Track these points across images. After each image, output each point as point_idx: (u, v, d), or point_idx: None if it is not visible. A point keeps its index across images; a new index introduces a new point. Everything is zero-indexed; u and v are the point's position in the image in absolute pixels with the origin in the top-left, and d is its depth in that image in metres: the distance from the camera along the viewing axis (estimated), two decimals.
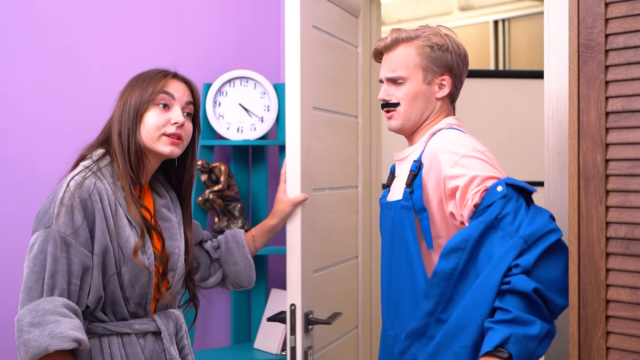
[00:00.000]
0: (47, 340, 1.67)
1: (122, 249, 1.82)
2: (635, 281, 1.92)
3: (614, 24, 1.97)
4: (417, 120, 1.94)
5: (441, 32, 1.95)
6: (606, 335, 1.97)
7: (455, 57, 1.94)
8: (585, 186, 2.01)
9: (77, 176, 1.84)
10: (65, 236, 1.76)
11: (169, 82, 1.93)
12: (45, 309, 1.71)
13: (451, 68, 1.94)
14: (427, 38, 1.92)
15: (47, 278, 1.74)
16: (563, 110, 2.21)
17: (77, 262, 1.77)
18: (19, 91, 2.60)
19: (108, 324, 1.84)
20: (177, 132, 1.91)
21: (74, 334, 1.70)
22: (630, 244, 1.93)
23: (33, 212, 2.61)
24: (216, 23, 3.09)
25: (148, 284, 1.85)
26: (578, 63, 2.03)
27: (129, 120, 1.89)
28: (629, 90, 1.95)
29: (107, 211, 1.82)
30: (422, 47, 1.92)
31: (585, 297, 2.00)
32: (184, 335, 1.94)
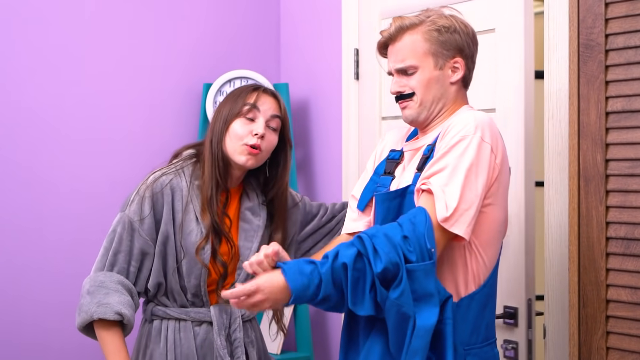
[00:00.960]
0: (94, 307, 1.87)
1: (183, 241, 1.98)
2: (635, 281, 1.92)
3: (614, 24, 1.97)
4: (433, 108, 1.83)
5: (445, 14, 1.85)
6: (606, 335, 1.97)
7: (464, 37, 1.83)
8: (585, 186, 2.01)
9: (158, 172, 2.03)
10: (133, 221, 1.96)
11: (259, 96, 2.03)
12: (102, 280, 1.91)
13: (462, 49, 1.83)
14: (432, 22, 1.82)
15: (111, 255, 1.94)
16: (563, 110, 2.21)
17: (137, 247, 1.96)
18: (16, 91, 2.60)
19: (169, 308, 2.02)
20: (257, 143, 1.99)
21: (119, 307, 1.88)
22: (630, 244, 1.93)
23: (34, 212, 2.61)
24: (216, 23, 3.09)
25: (201, 277, 2.00)
26: (578, 63, 2.03)
27: (219, 128, 2.02)
28: (629, 90, 1.94)
29: (177, 205, 1.99)
30: (428, 32, 1.81)
31: (585, 297, 2.00)
32: (237, 328, 2.04)
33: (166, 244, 1.99)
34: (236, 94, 2.05)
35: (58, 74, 2.67)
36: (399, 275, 1.59)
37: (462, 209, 1.64)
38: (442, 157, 1.68)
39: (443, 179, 1.66)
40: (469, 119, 1.72)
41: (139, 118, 2.84)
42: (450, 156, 1.67)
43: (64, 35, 2.69)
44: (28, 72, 2.61)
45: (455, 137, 1.69)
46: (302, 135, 3.18)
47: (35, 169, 2.61)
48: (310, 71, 3.14)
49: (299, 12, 3.20)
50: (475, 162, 1.67)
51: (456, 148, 1.68)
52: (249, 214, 2.09)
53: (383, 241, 1.61)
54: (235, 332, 2.04)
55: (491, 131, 1.73)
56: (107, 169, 2.75)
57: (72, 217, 2.66)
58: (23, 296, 2.57)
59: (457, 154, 1.67)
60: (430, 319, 1.60)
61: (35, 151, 2.61)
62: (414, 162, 1.83)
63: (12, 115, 2.58)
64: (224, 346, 2.00)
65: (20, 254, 2.57)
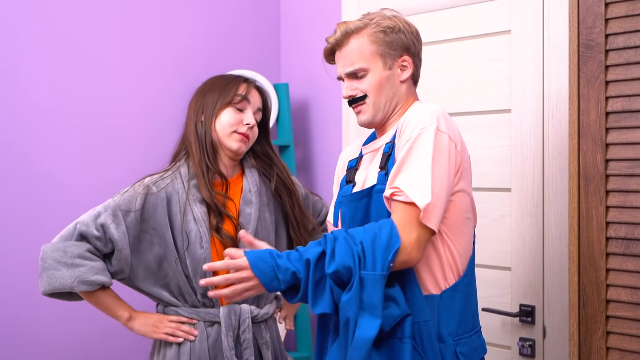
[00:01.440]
0: (75, 282, 1.95)
1: (185, 242, 2.01)
2: (635, 281, 1.92)
3: (614, 24, 1.97)
4: (387, 109, 1.85)
5: (388, 15, 1.88)
6: (606, 335, 1.97)
7: (409, 35, 1.86)
8: (585, 186, 2.01)
9: (156, 175, 2.08)
10: (118, 208, 1.99)
11: (249, 89, 2.12)
12: (74, 252, 1.96)
13: (408, 47, 1.86)
14: (376, 24, 1.84)
15: (80, 225, 1.99)
16: (563, 110, 2.21)
17: (112, 233, 1.98)
18: (15, 89, 2.60)
19: (180, 308, 2.05)
20: (247, 132, 2.09)
21: (98, 278, 1.97)
22: (630, 244, 1.93)
23: (32, 209, 2.61)
24: (216, 23, 3.09)
25: (206, 275, 2.01)
26: (578, 63, 2.03)
27: (207, 114, 2.09)
28: (629, 90, 1.95)
29: (175, 208, 2.03)
30: (374, 34, 1.84)
31: (585, 297, 2.00)
32: (247, 329, 2.06)
33: (165, 247, 2.02)
34: (224, 84, 2.13)
35: (56, 73, 2.67)
36: (352, 281, 1.62)
37: (433, 204, 1.65)
38: (406, 155, 1.69)
39: (410, 178, 1.67)
40: (423, 111, 1.74)
41: (139, 117, 2.84)
42: (412, 153, 1.69)
43: (64, 35, 2.69)
44: (28, 71, 2.61)
45: (413, 132, 1.71)
46: (302, 135, 3.18)
47: (33, 166, 2.61)
48: (311, 71, 3.14)
49: (299, 12, 3.20)
50: (437, 153, 1.69)
51: (416, 144, 1.69)
52: (243, 205, 2.11)
53: (342, 244, 1.64)
54: (244, 333, 2.04)
55: (446, 120, 1.74)
56: (105, 167, 2.75)
57: (71, 213, 2.65)
58: (22, 292, 2.57)
59: (419, 149, 1.69)
60: (369, 331, 1.60)
61: (33, 148, 2.61)
62: (375, 162, 1.84)
63: (12, 115, 2.58)
64: (231, 347, 2.01)
65: (18, 251, 2.57)
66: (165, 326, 2.04)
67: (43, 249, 2.00)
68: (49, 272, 1.97)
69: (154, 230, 2.02)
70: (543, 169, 2.27)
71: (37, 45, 2.63)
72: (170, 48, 2.94)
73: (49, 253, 1.98)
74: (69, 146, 2.68)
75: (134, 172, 2.55)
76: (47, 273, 1.97)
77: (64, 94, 2.68)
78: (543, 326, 2.26)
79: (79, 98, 2.71)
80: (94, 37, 2.75)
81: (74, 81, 2.70)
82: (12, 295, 2.55)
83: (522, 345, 2.29)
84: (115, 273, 2.04)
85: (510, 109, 2.36)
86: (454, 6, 2.53)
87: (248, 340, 2.04)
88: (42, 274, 1.98)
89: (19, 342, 2.55)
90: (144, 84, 2.86)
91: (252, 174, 2.16)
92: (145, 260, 2.03)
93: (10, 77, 2.57)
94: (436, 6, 2.59)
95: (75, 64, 2.71)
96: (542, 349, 2.26)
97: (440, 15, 2.57)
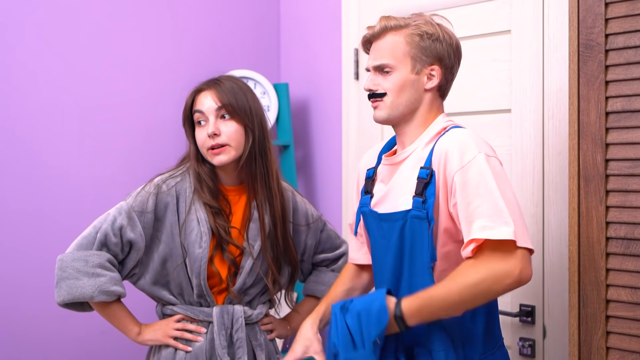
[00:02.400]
0: (96, 292, 1.94)
1: (185, 240, 2.02)
2: (635, 281, 1.92)
3: (614, 23, 1.97)
4: (405, 111, 1.83)
5: (433, 21, 1.85)
6: (606, 335, 1.97)
7: (447, 46, 1.83)
8: (585, 186, 2.01)
9: (166, 174, 2.07)
10: (132, 210, 1.99)
11: (197, 99, 2.06)
12: (95, 262, 1.95)
13: (441, 58, 1.83)
14: (416, 26, 1.82)
15: (101, 234, 1.97)
16: (563, 110, 2.21)
17: (129, 236, 1.98)
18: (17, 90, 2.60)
19: (177, 306, 2.06)
20: (213, 143, 2.01)
21: (117, 289, 1.97)
22: (630, 244, 1.93)
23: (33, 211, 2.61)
24: (216, 23, 3.09)
25: (201, 276, 2.01)
26: (578, 63, 2.03)
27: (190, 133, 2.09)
28: (629, 90, 1.94)
29: (182, 207, 2.03)
30: (411, 36, 1.82)
31: (585, 297, 2.00)
32: (240, 329, 2.05)
33: (172, 244, 2.03)
34: (186, 105, 2.09)
35: (57, 74, 2.67)
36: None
37: (519, 225, 1.65)
38: (473, 198, 1.67)
39: (487, 219, 1.65)
40: (462, 140, 1.72)
41: (139, 119, 2.84)
42: (477, 192, 1.66)
43: (64, 35, 2.69)
44: (27, 73, 2.61)
45: (465, 168, 1.69)
46: (302, 135, 3.18)
47: (35, 167, 2.61)
48: (311, 71, 3.14)
49: (299, 12, 3.20)
50: (498, 178, 1.67)
51: (471, 178, 1.67)
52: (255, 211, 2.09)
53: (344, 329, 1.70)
54: (237, 333, 2.05)
55: (486, 143, 1.75)
56: (107, 169, 2.75)
57: (72, 215, 2.66)
58: (21, 292, 2.57)
59: (481, 185, 1.66)
60: None
61: (35, 149, 2.61)
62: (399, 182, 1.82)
63: (11, 115, 2.58)
64: (223, 346, 2.02)
65: (19, 253, 2.57)
66: (171, 329, 2.04)
67: (61, 259, 1.97)
68: (69, 281, 1.95)
69: (165, 228, 2.03)
70: (543, 168, 2.27)
71: (37, 45, 2.63)
72: (171, 48, 2.94)
73: (69, 262, 1.96)
74: (70, 150, 2.68)
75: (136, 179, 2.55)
76: (67, 282, 1.95)
77: (63, 98, 2.68)
78: (543, 326, 2.26)
79: (77, 104, 2.71)
80: (94, 42, 2.75)
81: (72, 86, 2.70)
82: (12, 296, 2.55)
83: (522, 345, 2.29)
84: (127, 274, 2.05)
85: (510, 109, 2.36)
86: (454, 6, 2.53)
87: (241, 340, 2.05)
88: (61, 283, 1.96)
89: (19, 342, 2.55)
90: (143, 84, 2.86)
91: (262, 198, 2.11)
92: (152, 259, 2.04)
93: (10, 75, 2.57)
94: (436, 6, 2.59)
95: (76, 62, 2.71)
96: (542, 348, 2.26)
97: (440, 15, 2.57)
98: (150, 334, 2.06)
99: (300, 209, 2.20)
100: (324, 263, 2.25)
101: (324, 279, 2.23)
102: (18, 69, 2.58)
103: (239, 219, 2.09)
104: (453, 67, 1.86)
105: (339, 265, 2.25)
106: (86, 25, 2.74)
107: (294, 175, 3.03)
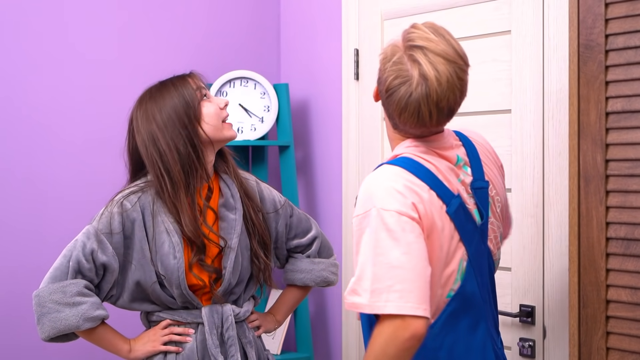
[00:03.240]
0: (81, 321, 1.91)
1: (157, 254, 1.97)
2: (635, 281, 1.91)
3: (614, 24, 1.97)
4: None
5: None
6: (606, 335, 1.97)
7: (381, 67, 1.66)
8: (586, 187, 2.01)
9: (126, 190, 2.01)
10: (100, 233, 1.94)
11: (189, 78, 2.04)
12: (73, 291, 1.91)
13: (379, 79, 1.67)
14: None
15: (73, 262, 1.93)
16: (563, 111, 2.21)
17: (101, 259, 1.94)
18: (14, 92, 2.60)
19: (163, 312, 2.03)
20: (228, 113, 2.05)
21: (100, 313, 1.93)
22: (630, 245, 1.93)
23: (33, 215, 2.61)
24: (216, 23, 3.09)
25: (181, 286, 1.97)
26: (578, 63, 2.03)
27: (181, 126, 1.97)
28: (629, 91, 1.94)
29: (148, 221, 1.98)
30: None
31: (585, 298, 2.00)
32: (230, 327, 2.04)
33: (142, 259, 1.98)
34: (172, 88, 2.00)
35: (56, 76, 2.67)
36: None
37: (390, 290, 1.57)
38: (354, 247, 1.68)
39: (356, 274, 1.61)
40: (365, 189, 1.64)
41: None
42: (355, 246, 1.64)
43: (64, 36, 2.69)
44: (27, 75, 2.61)
45: (355, 218, 1.65)
46: (302, 135, 3.18)
47: (34, 171, 2.61)
48: (311, 71, 3.14)
49: (299, 13, 3.20)
50: (381, 238, 1.59)
51: (354, 232, 1.64)
52: (224, 210, 2.06)
53: None
54: (228, 331, 2.04)
55: (396, 191, 1.62)
56: (106, 170, 2.75)
57: (72, 219, 2.66)
58: (21, 294, 2.57)
59: (357, 239, 1.64)
60: None
61: (35, 153, 2.61)
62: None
63: (11, 117, 2.58)
64: (216, 345, 2.01)
65: (19, 257, 2.57)
66: (159, 337, 2.01)
67: (37, 294, 1.92)
68: (51, 315, 1.91)
69: (135, 245, 1.98)
70: (543, 169, 2.27)
71: (37, 47, 2.63)
72: (171, 49, 2.94)
73: (47, 297, 1.91)
74: (68, 153, 2.68)
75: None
76: (49, 317, 1.91)
77: (62, 99, 2.68)
78: (543, 326, 2.26)
79: (77, 105, 2.71)
80: (93, 42, 2.75)
81: (71, 87, 2.70)
82: (11, 298, 2.55)
83: (522, 346, 2.29)
84: (106, 296, 2.01)
85: (510, 109, 2.36)
86: (454, 6, 2.53)
87: (232, 338, 2.04)
88: (42, 319, 1.91)
89: (20, 345, 2.55)
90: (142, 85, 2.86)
91: (228, 177, 2.10)
92: (130, 280, 2.00)
93: (9, 80, 2.57)
94: (436, 6, 2.59)
95: (74, 66, 2.71)
96: (542, 349, 2.26)
97: (440, 15, 2.57)
98: (141, 348, 2.02)
99: (266, 196, 2.17)
100: (298, 249, 2.22)
101: (301, 266, 2.20)
102: (15, 71, 2.58)
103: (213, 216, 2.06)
104: (382, 73, 1.64)
105: (313, 250, 2.22)
106: (86, 27, 2.74)
107: (294, 175, 3.03)
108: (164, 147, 1.97)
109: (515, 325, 2.33)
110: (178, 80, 2.03)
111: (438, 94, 1.58)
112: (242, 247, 2.06)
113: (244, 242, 2.07)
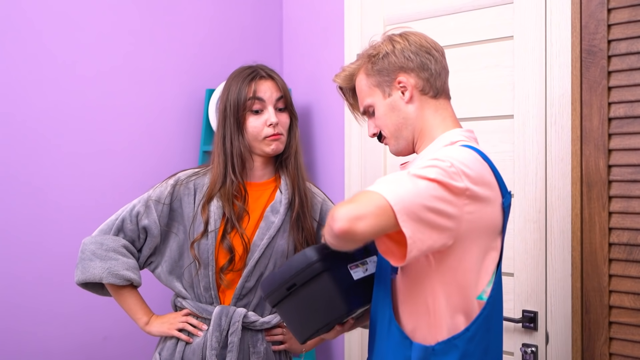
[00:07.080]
0: (105, 274, 2.04)
1: (196, 230, 2.07)
2: (638, 287, 1.91)
3: (616, 29, 1.97)
4: (406, 134, 1.75)
5: (376, 43, 1.79)
6: (609, 341, 1.96)
7: (400, 52, 1.73)
8: (588, 192, 2.01)
9: (189, 170, 2.16)
10: (150, 200, 2.09)
11: (258, 86, 2.07)
12: (110, 246, 2.06)
13: (402, 66, 1.73)
14: (367, 56, 1.78)
15: (119, 221, 2.09)
16: (565, 116, 2.21)
17: (144, 223, 2.08)
18: (14, 97, 2.60)
19: (185, 301, 2.10)
20: (275, 132, 2.06)
21: (128, 274, 2.05)
22: (633, 250, 1.93)
23: (34, 220, 2.61)
24: (219, 29, 3.09)
25: (205, 273, 2.06)
26: (580, 69, 2.03)
27: (232, 125, 2.08)
28: (631, 96, 1.94)
29: (199, 199, 2.10)
30: (365, 67, 1.78)
31: (588, 303, 2.00)
32: (235, 332, 2.06)
33: (186, 237, 2.09)
34: (236, 85, 2.08)
35: (58, 80, 2.67)
36: None
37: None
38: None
39: None
40: (440, 154, 1.61)
41: (142, 124, 2.84)
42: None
43: (65, 38, 2.69)
44: (27, 78, 2.61)
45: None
46: (305, 140, 3.18)
47: (36, 176, 2.61)
48: (313, 77, 3.14)
49: (301, 18, 3.21)
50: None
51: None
52: (269, 212, 2.11)
53: None
54: (231, 336, 2.04)
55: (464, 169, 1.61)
56: (109, 176, 2.75)
57: (74, 224, 2.66)
58: (23, 300, 2.57)
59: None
60: None
61: (35, 158, 2.61)
62: None
63: (12, 123, 2.58)
64: (213, 347, 2.02)
65: (21, 263, 2.57)
66: (177, 322, 2.09)
67: (83, 242, 2.09)
68: (84, 262, 2.06)
69: (181, 218, 2.10)
70: (545, 174, 2.27)
71: (38, 53, 2.63)
72: (173, 54, 2.95)
73: (88, 245, 2.08)
74: (71, 157, 2.68)
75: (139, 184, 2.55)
76: (82, 263, 2.07)
77: (64, 104, 2.68)
78: (546, 332, 2.26)
79: (79, 109, 2.71)
80: (95, 46, 2.76)
81: (73, 92, 2.70)
82: (13, 304, 2.55)
83: (524, 351, 2.28)
84: (146, 262, 2.12)
85: (512, 115, 2.36)
86: (457, 12, 2.54)
87: (233, 344, 2.04)
88: (79, 264, 2.07)
89: (21, 347, 2.55)
90: (145, 92, 2.86)
91: (286, 184, 2.13)
92: (170, 250, 2.10)
93: (10, 82, 2.57)
94: (439, 12, 2.59)
95: (75, 75, 2.71)
96: (545, 355, 2.25)
97: (442, 21, 2.57)
98: (158, 326, 2.11)
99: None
100: None
101: None
102: (15, 74, 2.59)
103: (256, 217, 2.10)
104: (423, 64, 1.74)
105: None
106: (88, 30, 2.74)
107: None
108: (221, 133, 2.09)
109: (518, 330, 2.33)
110: (244, 78, 2.07)
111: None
112: (276, 253, 2.08)
113: (280, 248, 2.08)
